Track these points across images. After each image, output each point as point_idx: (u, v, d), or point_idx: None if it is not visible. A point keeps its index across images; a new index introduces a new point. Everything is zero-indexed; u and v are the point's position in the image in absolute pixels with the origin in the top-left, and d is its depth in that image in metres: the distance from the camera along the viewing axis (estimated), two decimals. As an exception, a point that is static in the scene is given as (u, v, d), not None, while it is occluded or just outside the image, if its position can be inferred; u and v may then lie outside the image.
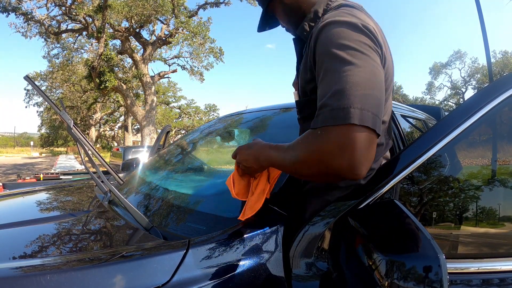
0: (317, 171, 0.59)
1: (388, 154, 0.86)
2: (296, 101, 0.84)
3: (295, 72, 0.88)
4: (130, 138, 22.59)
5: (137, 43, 12.99)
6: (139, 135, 20.72)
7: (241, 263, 0.67)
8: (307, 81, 0.74)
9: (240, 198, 0.82)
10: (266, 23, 0.91)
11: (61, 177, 4.22)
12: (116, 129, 31.48)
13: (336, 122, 0.55)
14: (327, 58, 0.61)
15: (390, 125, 0.81)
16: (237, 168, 0.82)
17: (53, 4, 10.59)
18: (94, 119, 25.66)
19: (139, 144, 16.05)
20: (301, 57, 0.81)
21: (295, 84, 0.88)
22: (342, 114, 0.54)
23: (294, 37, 0.86)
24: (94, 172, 1.18)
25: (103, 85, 10.52)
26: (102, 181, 1.09)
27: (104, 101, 21.38)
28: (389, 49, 0.75)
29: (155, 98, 12.50)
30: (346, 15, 0.65)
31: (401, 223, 0.60)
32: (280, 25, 0.90)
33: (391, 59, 0.75)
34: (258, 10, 0.89)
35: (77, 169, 6.98)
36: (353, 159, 0.53)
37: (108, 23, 10.32)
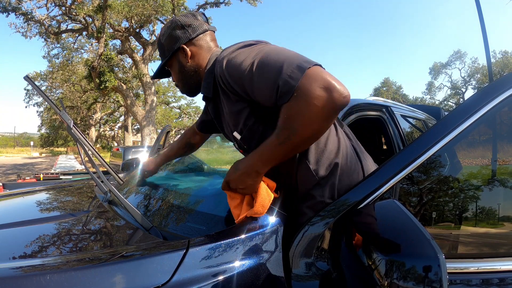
0: (320, 121, 0.63)
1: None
2: (240, 139, 0.83)
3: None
4: (130, 138, 22.56)
5: (137, 43, 12.98)
6: (139, 135, 20.72)
7: (241, 263, 0.67)
8: (239, 111, 0.77)
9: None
10: (162, 74, 0.98)
11: (61, 177, 4.22)
12: (116, 129, 31.46)
13: (299, 78, 0.61)
14: (245, 75, 0.68)
15: None
16: (233, 195, 0.80)
17: (53, 4, 10.57)
18: (94, 119, 25.63)
19: (139, 144, 16.05)
20: (216, 110, 0.88)
21: (228, 134, 0.89)
22: (297, 71, 0.61)
23: (203, 96, 0.90)
24: (94, 172, 1.18)
25: (103, 85, 10.50)
26: (102, 181, 1.09)
27: (104, 101, 21.35)
28: None
29: (155, 98, 12.49)
30: (229, 50, 0.76)
31: (401, 223, 0.60)
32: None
33: None
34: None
35: (77, 169, 6.99)
36: (336, 86, 0.60)
37: (108, 23, 10.31)
